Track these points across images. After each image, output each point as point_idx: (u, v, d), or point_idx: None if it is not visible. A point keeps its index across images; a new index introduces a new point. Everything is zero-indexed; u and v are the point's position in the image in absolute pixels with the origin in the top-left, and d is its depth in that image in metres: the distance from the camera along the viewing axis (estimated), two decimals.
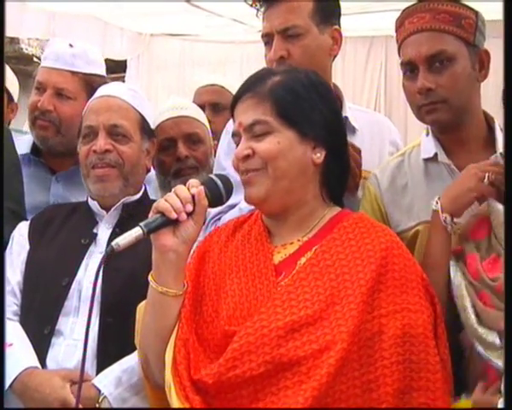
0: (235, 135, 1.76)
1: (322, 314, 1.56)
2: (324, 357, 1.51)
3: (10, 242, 2.23)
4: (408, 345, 1.56)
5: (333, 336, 1.53)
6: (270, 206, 1.72)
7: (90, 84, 2.56)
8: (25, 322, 2.11)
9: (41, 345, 2.04)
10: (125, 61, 6.62)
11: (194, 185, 1.64)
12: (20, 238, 2.22)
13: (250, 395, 1.53)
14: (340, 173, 1.78)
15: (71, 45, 2.60)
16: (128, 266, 1.98)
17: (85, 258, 2.11)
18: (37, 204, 2.48)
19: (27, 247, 2.20)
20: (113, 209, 2.18)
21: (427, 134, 2.13)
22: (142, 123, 2.24)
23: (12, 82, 3.00)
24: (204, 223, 1.88)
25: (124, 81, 5.69)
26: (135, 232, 1.58)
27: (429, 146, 2.11)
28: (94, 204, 2.22)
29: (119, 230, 2.10)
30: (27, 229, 2.24)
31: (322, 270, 1.62)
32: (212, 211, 2.13)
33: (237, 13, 5.14)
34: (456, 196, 1.87)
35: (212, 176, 1.71)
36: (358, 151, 2.22)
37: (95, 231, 2.17)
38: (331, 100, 1.79)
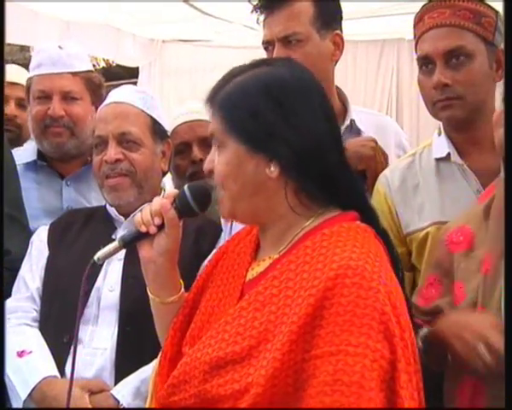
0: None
1: (251, 352, 1.39)
2: (243, 399, 1.36)
3: (30, 247, 2.23)
4: (337, 395, 1.29)
5: (254, 377, 1.35)
6: (242, 221, 1.65)
7: (91, 81, 2.59)
8: (44, 329, 2.10)
9: (60, 353, 2.02)
10: (138, 68, 6.66)
11: (167, 197, 1.62)
12: (39, 244, 2.22)
13: None
14: (315, 175, 1.49)
15: (60, 47, 2.58)
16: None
17: (104, 265, 2.07)
18: (51, 209, 2.49)
19: (46, 252, 2.19)
20: (131, 216, 2.13)
21: (440, 134, 2.12)
22: (153, 126, 2.19)
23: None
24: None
25: None
26: (113, 246, 1.62)
27: (442, 146, 2.10)
28: (112, 210, 2.20)
29: None
30: (46, 234, 2.23)
31: (266, 300, 1.43)
32: None
33: (247, 18, 5.14)
34: None
35: (185, 186, 1.64)
36: (386, 156, 2.23)
37: (113, 237, 2.12)
38: (276, 98, 1.49)
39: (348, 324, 1.32)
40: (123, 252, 2.07)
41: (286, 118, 1.48)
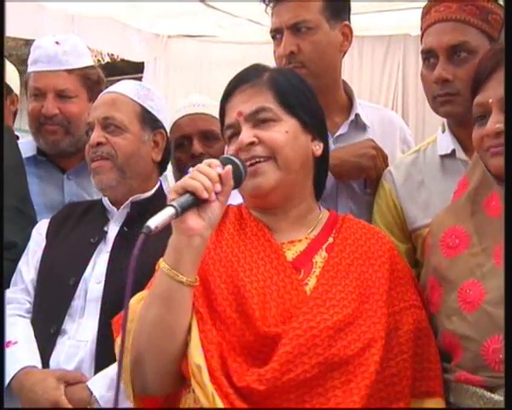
0: (230, 127, 1.69)
1: (356, 313, 1.57)
2: (367, 355, 1.53)
3: (31, 240, 2.23)
4: (417, 339, 1.64)
5: (372, 333, 1.55)
6: (275, 198, 1.67)
7: (87, 77, 2.57)
8: (34, 320, 2.11)
9: (46, 344, 2.03)
10: (143, 63, 6.64)
11: (217, 165, 1.52)
12: (38, 237, 2.23)
13: (298, 398, 1.47)
14: (325, 171, 1.82)
15: (57, 42, 2.55)
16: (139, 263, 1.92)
17: (93, 257, 2.09)
18: (53, 204, 2.48)
19: (44, 245, 2.21)
20: (122, 207, 2.16)
21: (443, 131, 2.11)
22: (143, 114, 2.20)
23: (9, 72, 2.96)
24: None
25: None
26: (167, 212, 1.42)
27: (446, 143, 2.08)
28: (105, 200, 2.21)
29: (126, 228, 2.09)
30: (46, 227, 2.24)
31: (346, 269, 1.63)
32: None
33: (253, 13, 5.13)
34: None
35: (230, 156, 1.60)
36: (386, 157, 2.21)
37: (105, 229, 2.15)
38: (316, 97, 1.81)
39: (407, 285, 1.68)
40: (111, 243, 2.09)
41: (320, 111, 1.78)
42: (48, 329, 2.04)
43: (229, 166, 1.53)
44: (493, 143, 1.65)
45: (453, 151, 2.06)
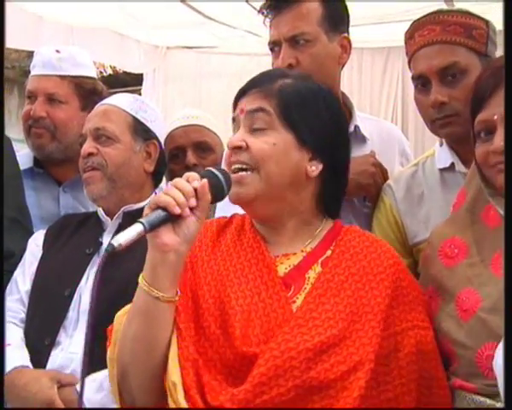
0: (233, 121, 1.67)
1: (345, 333, 1.48)
2: (352, 379, 1.43)
3: (27, 251, 2.23)
4: (421, 362, 1.54)
5: (360, 356, 1.46)
6: (257, 209, 1.61)
7: (81, 86, 2.58)
8: (29, 331, 2.11)
9: (41, 356, 2.03)
10: (141, 75, 6.64)
11: (195, 179, 1.48)
12: (34, 247, 2.23)
13: None
14: (336, 189, 1.69)
15: (58, 51, 2.58)
16: (122, 275, 1.91)
17: (88, 268, 2.10)
18: (48, 216, 2.48)
19: (40, 256, 2.21)
20: (115, 217, 2.17)
21: (441, 144, 2.10)
22: (135, 125, 2.22)
23: None
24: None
25: (140, 94, 5.70)
26: (134, 229, 1.40)
27: (445, 156, 2.08)
28: (100, 211, 2.22)
29: None
30: (42, 238, 2.24)
31: (338, 286, 1.54)
32: None
33: (252, 25, 5.14)
34: None
35: (212, 169, 1.55)
36: (385, 172, 2.20)
37: (100, 240, 2.16)
38: (339, 116, 1.71)
39: (412, 304, 1.58)
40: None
41: (334, 127, 1.65)
42: (42, 340, 2.04)
43: (205, 181, 1.48)
44: (500, 160, 1.64)
45: (452, 164, 2.06)
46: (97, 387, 1.92)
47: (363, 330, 1.49)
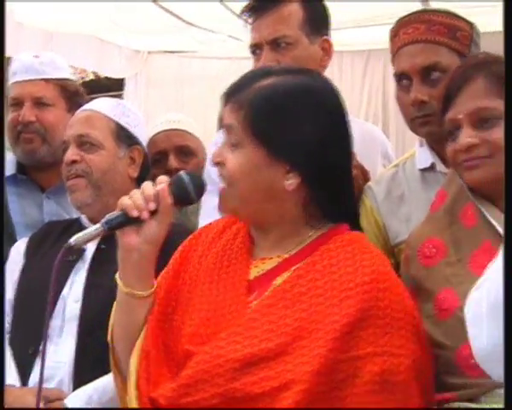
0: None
1: (286, 348, 1.38)
2: (282, 396, 1.34)
3: (9, 259, 2.21)
4: (386, 394, 1.36)
5: (294, 374, 1.34)
6: (240, 218, 1.59)
7: (65, 88, 2.57)
8: (13, 340, 2.08)
9: (25, 365, 2.01)
10: (123, 80, 6.63)
11: (162, 182, 1.53)
12: (16, 256, 2.21)
13: None
14: (332, 193, 1.54)
15: (37, 56, 2.58)
16: (111, 282, 1.83)
17: (71, 275, 2.08)
18: (32, 223, 2.46)
19: (22, 264, 2.19)
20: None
21: (422, 145, 2.11)
22: (118, 130, 2.20)
23: None
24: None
25: (122, 99, 5.69)
26: (95, 229, 1.53)
27: (425, 156, 2.09)
28: (83, 218, 2.20)
29: (104, 246, 2.06)
30: (25, 246, 2.22)
31: (295, 297, 1.44)
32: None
33: (233, 29, 5.15)
34: None
35: (181, 173, 1.57)
36: (366, 174, 2.20)
37: (83, 246, 2.08)
38: (334, 109, 1.54)
39: (388, 326, 1.40)
40: (88, 261, 2.07)
41: (317, 131, 1.48)
42: (26, 349, 2.02)
43: (163, 185, 1.52)
44: (466, 158, 1.69)
45: (432, 164, 2.07)
46: (85, 400, 1.91)
47: (308, 348, 1.37)
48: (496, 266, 1.33)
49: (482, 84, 1.69)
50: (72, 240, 1.50)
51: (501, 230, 1.60)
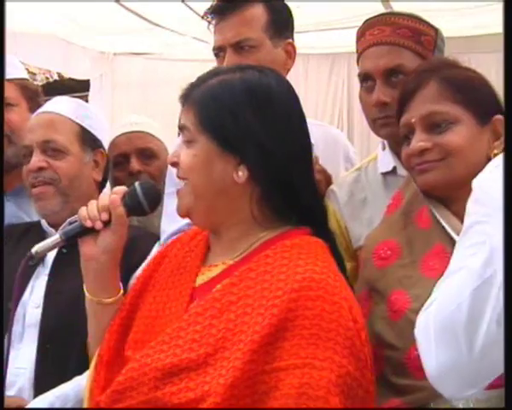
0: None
1: (208, 360, 1.35)
2: (198, 408, 1.32)
3: None
4: (303, 408, 1.28)
5: (211, 386, 1.31)
6: (195, 221, 1.58)
7: (26, 88, 2.54)
8: None
9: None
10: (88, 81, 6.58)
11: (118, 193, 1.59)
12: None
13: None
14: (285, 192, 1.49)
15: None
16: (71, 288, 1.89)
17: (32, 280, 2.04)
18: None
19: None
20: (60, 229, 2.12)
21: (384, 149, 2.13)
22: (82, 134, 2.17)
23: None
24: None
25: (87, 101, 5.64)
26: (53, 239, 1.59)
27: (387, 160, 2.11)
28: (44, 223, 2.17)
29: (65, 250, 2.02)
30: None
31: (224, 307, 1.40)
32: (171, 229, 2.08)
33: (199, 31, 5.14)
34: None
35: (137, 183, 1.62)
36: (329, 177, 2.21)
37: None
38: (284, 105, 1.51)
39: (314, 337, 1.31)
40: (49, 266, 2.05)
41: (265, 125, 1.47)
42: None
43: (114, 196, 1.58)
44: (418, 161, 1.70)
45: (394, 168, 2.09)
46: (48, 408, 1.88)
47: (228, 360, 1.33)
48: (444, 286, 1.35)
49: (435, 89, 1.71)
50: (33, 251, 1.56)
51: (453, 233, 1.62)
